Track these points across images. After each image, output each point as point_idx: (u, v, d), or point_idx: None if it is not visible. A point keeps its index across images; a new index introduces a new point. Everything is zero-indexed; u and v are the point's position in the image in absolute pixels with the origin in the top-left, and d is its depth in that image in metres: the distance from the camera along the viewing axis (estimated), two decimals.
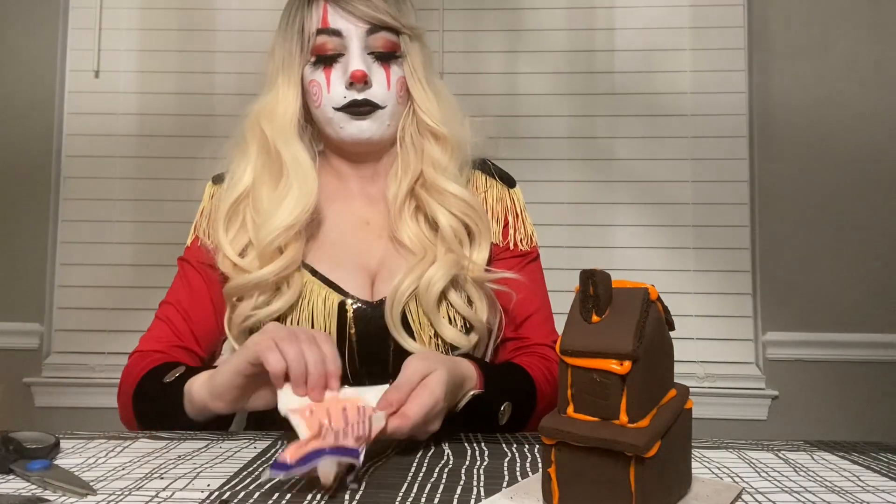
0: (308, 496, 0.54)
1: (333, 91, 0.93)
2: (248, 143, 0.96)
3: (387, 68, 0.94)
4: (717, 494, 0.55)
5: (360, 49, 0.93)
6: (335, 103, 0.94)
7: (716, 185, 1.85)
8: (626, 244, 1.85)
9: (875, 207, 1.83)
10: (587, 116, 1.88)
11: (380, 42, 0.94)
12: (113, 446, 0.71)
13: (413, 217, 0.96)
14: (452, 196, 0.94)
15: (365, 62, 0.93)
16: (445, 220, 0.93)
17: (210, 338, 0.97)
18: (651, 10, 1.89)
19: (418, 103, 0.97)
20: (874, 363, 1.80)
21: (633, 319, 0.49)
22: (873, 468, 0.65)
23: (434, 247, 0.94)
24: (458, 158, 0.98)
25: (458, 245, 0.93)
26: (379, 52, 0.94)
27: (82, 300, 1.88)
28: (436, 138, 0.97)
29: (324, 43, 0.94)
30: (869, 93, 1.85)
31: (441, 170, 0.95)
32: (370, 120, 0.94)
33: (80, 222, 1.90)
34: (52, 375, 1.86)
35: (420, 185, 0.96)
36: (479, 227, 0.95)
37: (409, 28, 0.96)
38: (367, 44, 0.94)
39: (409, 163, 0.97)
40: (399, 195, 0.96)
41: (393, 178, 0.98)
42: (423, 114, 0.97)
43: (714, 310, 1.83)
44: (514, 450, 0.72)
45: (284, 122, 0.95)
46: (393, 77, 0.95)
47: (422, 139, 0.97)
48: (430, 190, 0.95)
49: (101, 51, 1.92)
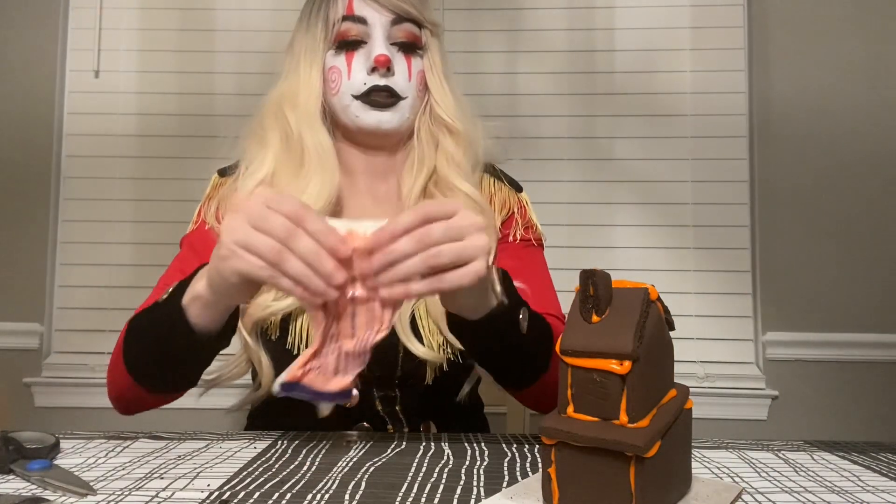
0: (308, 496, 0.54)
1: (354, 77, 0.93)
2: (267, 131, 0.95)
3: (409, 59, 0.95)
4: (717, 494, 0.55)
5: (383, 37, 0.93)
6: (355, 90, 0.93)
7: (716, 185, 1.85)
8: (626, 244, 1.85)
9: (875, 207, 1.83)
10: (587, 116, 1.88)
11: (403, 33, 0.94)
12: (113, 446, 0.71)
13: None
14: (464, 196, 0.94)
15: (388, 50, 0.93)
16: None
17: None
18: (651, 10, 1.89)
19: (436, 98, 0.98)
20: (874, 363, 1.80)
21: (633, 319, 0.49)
22: (873, 468, 0.65)
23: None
24: (471, 156, 0.98)
25: None
26: (402, 42, 0.94)
27: (82, 300, 1.88)
28: (450, 132, 0.97)
29: (347, 29, 0.93)
30: (869, 92, 1.85)
31: (455, 165, 0.96)
32: (391, 112, 0.94)
33: (80, 222, 1.90)
34: (52, 375, 1.86)
35: (433, 182, 0.96)
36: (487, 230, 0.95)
37: (430, 23, 0.97)
38: (391, 33, 0.94)
39: (424, 157, 0.97)
40: (414, 191, 0.95)
41: (408, 173, 0.98)
42: (440, 108, 0.97)
43: (714, 310, 1.83)
44: (514, 450, 0.72)
45: (309, 106, 0.94)
46: (414, 69, 0.95)
47: (437, 133, 0.98)
48: (442, 188, 0.95)
49: (101, 51, 1.92)
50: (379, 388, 0.92)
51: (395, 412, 0.93)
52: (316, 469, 0.63)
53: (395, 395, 0.92)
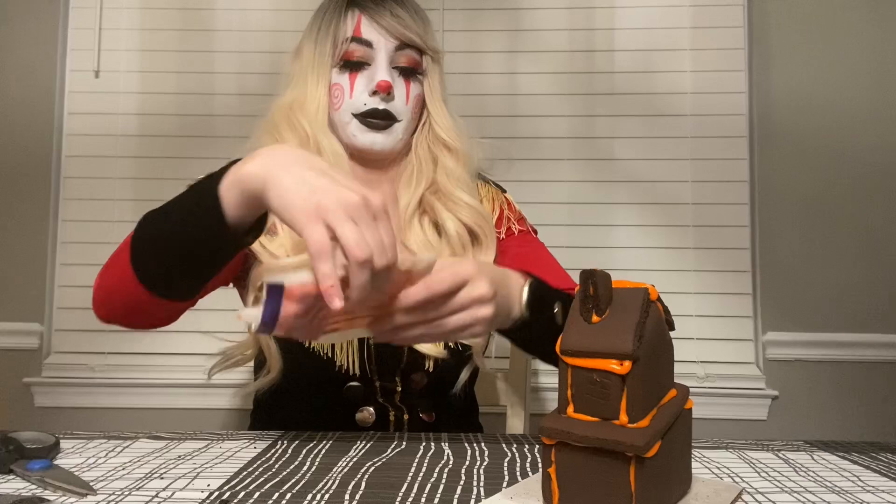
0: (308, 496, 0.54)
1: (356, 97, 0.99)
2: (283, 132, 0.99)
3: (408, 84, 1.01)
4: (717, 494, 0.55)
5: (386, 62, 0.99)
6: (355, 109, 0.99)
7: (716, 185, 1.85)
8: (626, 244, 1.85)
9: (875, 207, 1.83)
10: (587, 116, 1.88)
11: (405, 59, 1.01)
12: (113, 446, 0.71)
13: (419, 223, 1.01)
14: (465, 205, 1.00)
15: (390, 75, 0.99)
16: (453, 225, 0.99)
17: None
18: (651, 10, 1.89)
19: (435, 118, 1.05)
20: (874, 363, 1.80)
21: (633, 319, 0.49)
22: (873, 468, 0.65)
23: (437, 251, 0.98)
24: (469, 170, 1.05)
25: (462, 249, 0.98)
26: (403, 67, 1.01)
27: (82, 300, 1.85)
28: (449, 150, 1.04)
29: (353, 50, 0.99)
30: (869, 92, 1.85)
31: (454, 178, 1.02)
32: (384, 134, 1.00)
33: (80, 222, 1.90)
34: (52, 375, 1.85)
35: (431, 192, 1.02)
36: (486, 235, 1.01)
37: (432, 50, 1.04)
38: (394, 58, 1.00)
39: (422, 171, 1.03)
40: (411, 203, 1.01)
41: (406, 187, 1.03)
42: (440, 129, 1.04)
43: (714, 310, 1.83)
44: (514, 450, 0.72)
45: (318, 118, 0.99)
46: (412, 93, 1.02)
47: (436, 150, 1.04)
48: (442, 197, 1.01)
49: (101, 51, 1.92)
50: (381, 378, 0.96)
51: (394, 402, 0.97)
52: (316, 469, 0.63)
53: (396, 386, 0.97)
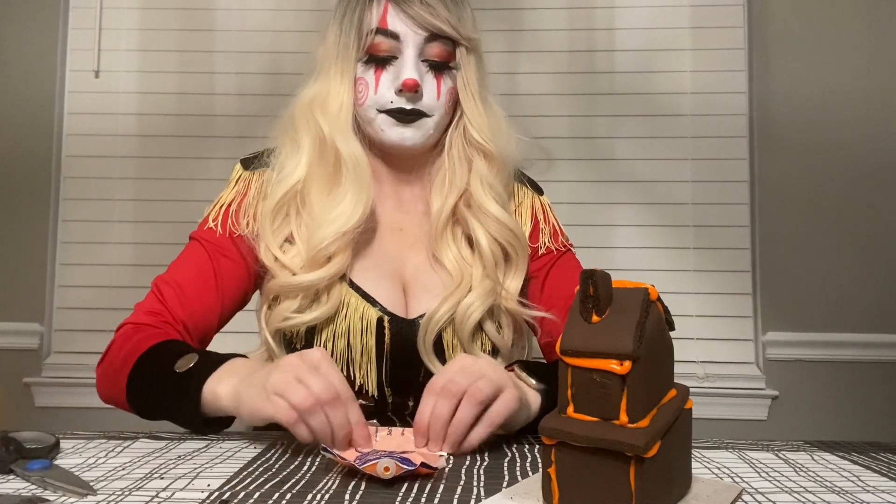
0: (308, 496, 0.54)
1: (381, 94, 0.91)
2: (300, 133, 0.93)
3: (439, 78, 0.93)
4: (717, 494, 0.55)
5: (414, 56, 0.91)
6: (380, 105, 0.92)
7: (716, 185, 1.85)
8: (626, 244, 1.85)
9: (875, 207, 1.83)
10: (587, 116, 1.88)
11: (435, 51, 0.92)
12: (113, 446, 0.71)
13: (451, 234, 0.95)
14: (495, 220, 0.93)
15: (418, 70, 0.91)
16: (486, 242, 0.93)
17: (203, 328, 0.92)
18: (651, 10, 1.89)
19: (469, 117, 0.96)
20: (874, 363, 1.80)
21: (633, 319, 0.49)
22: (873, 468, 0.65)
23: (470, 269, 0.93)
24: (504, 177, 0.98)
25: (494, 268, 0.93)
26: (433, 61, 0.92)
27: (82, 300, 1.88)
28: (484, 155, 0.96)
29: (379, 43, 0.91)
30: (869, 92, 1.85)
31: (487, 187, 0.94)
32: (413, 128, 0.92)
33: (80, 222, 1.90)
34: (52, 375, 1.86)
35: (464, 202, 0.95)
36: (517, 254, 0.95)
37: (467, 39, 0.94)
38: (423, 51, 0.92)
39: (455, 176, 0.96)
40: (444, 211, 0.94)
41: (438, 192, 0.96)
42: (473, 129, 0.95)
43: (714, 310, 1.83)
44: (514, 450, 0.72)
45: (340, 117, 0.92)
46: (444, 87, 0.93)
47: (471, 154, 0.96)
48: (474, 209, 0.94)
49: (101, 51, 1.92)
50: (395, 395, 0.93)
51: (404, 416, 0.94)
52: (316, 469, 0.63)
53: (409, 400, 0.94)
